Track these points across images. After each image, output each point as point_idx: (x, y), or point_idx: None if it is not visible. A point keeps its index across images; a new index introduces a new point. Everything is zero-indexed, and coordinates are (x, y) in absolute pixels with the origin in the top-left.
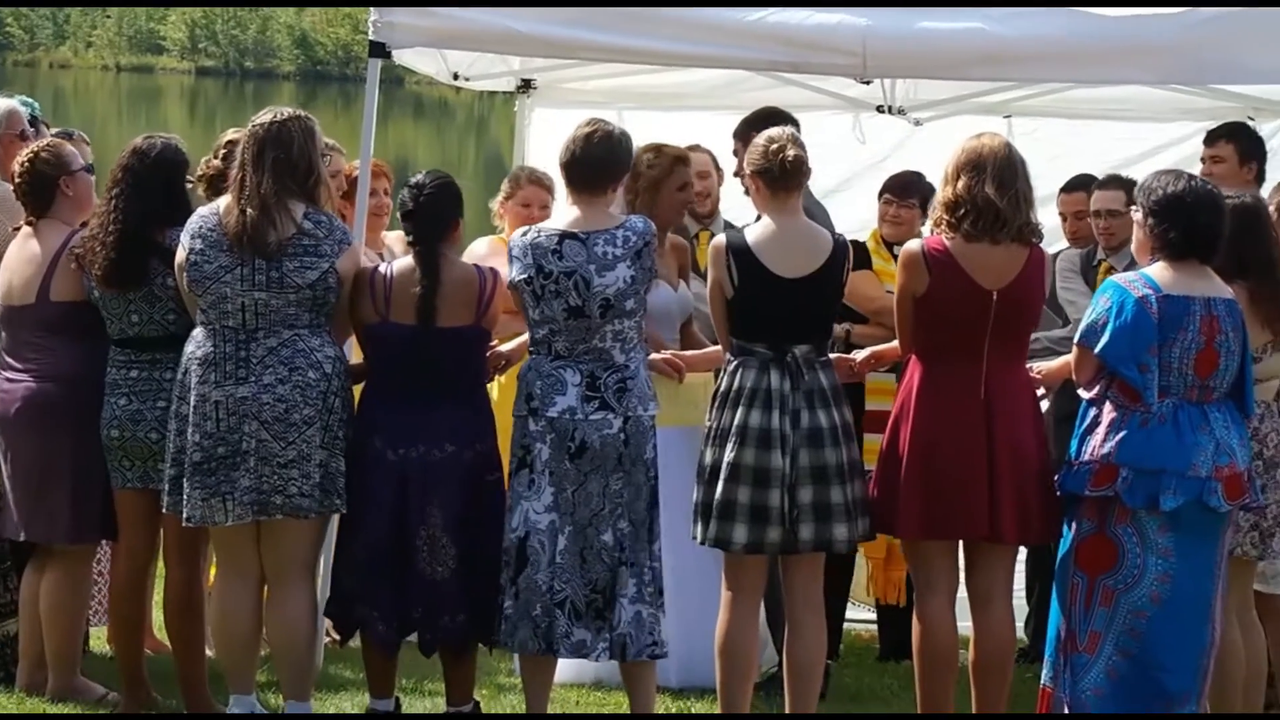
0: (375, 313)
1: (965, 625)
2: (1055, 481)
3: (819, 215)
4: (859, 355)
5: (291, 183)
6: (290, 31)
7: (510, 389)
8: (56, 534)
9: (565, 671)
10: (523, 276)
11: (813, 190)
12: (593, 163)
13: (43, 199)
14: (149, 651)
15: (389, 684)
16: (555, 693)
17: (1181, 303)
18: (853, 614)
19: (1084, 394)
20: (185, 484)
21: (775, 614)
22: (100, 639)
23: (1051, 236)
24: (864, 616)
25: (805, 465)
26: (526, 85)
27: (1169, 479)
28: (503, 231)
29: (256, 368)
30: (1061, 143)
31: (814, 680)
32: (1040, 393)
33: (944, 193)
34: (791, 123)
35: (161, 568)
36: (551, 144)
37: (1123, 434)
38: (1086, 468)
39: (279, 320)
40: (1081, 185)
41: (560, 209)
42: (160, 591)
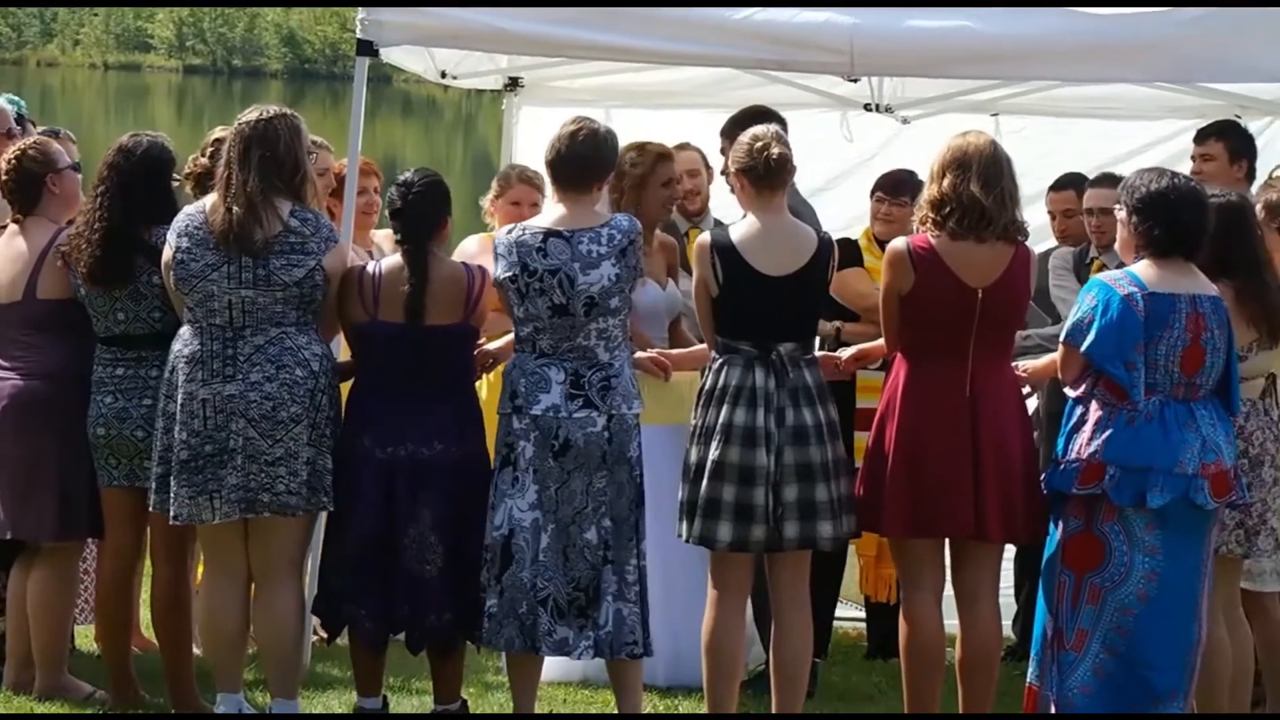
0: (364, 311)
1: (952, 623)
2: (1042, 480)
3: (806, 214)
4: (844, 353)
5: (278, 181)
6: (278, 30)
7: (498, 387)
8: (43, 532)
9: (552, 670)
10: (507, 274)
11: (800, 188)
12: (578, 161)
13: (29, 197)
14: (136, 650)
15: (376, 682)
16: (542, 691)
17: (1167, 300)
18: (842, 612)
19: (1070, 392)
20: (172, 482)
21: (763, 612)
22: (87, 637)
23: (1040, 234)
24: (853, 615)
25: (790, 463)
26: (514, 83)
27: (1156, 476)
28: (493, 230)
29: (244, 366)
30: (1049, 141)
31: (800, 678)
32: (1026, 391)
33: (929, 191)
34: (778, 121)
35: (149, 566)
36: (539, 142)
37: (1109, 432)
38: (1073, 466)
39: (266, 318)
40: (1070, 184)
41: (546, 207)
42: (147, 590)
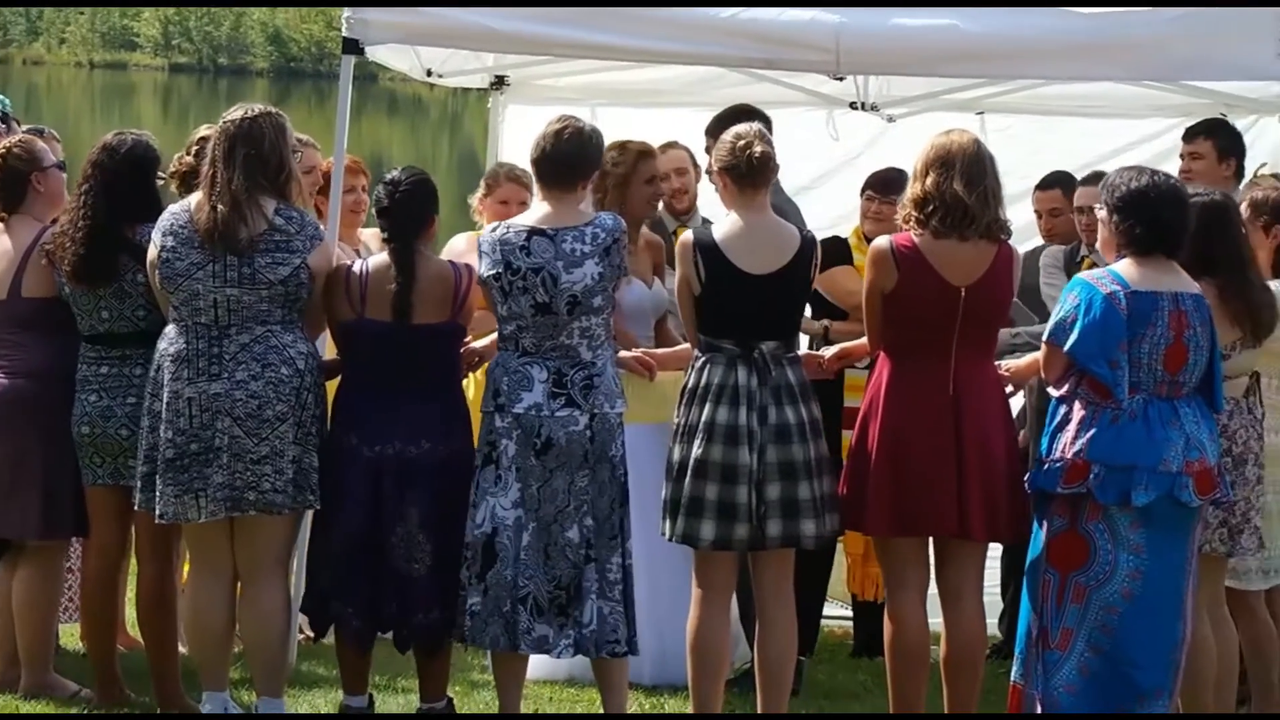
0: (351, 309)
1: (937, 622)
2: (1026, 479)
3: (791, 212)
4: (827, 352)
5: (263, 179)
6: (264, 28)
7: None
8: (28, 530)
9: (538, 668)
10: (491, 272)
11: (786, 187)
12: (563, 159)
13: (14, 195)
14: (121, 648)
15: (363, 681)
16: (528, 689)
17: (1150, 298)
18: (828, 610)
19: (1053, 392)
20: (158, 481)
21: (748, 611)
22: (73, 636)
23: (1026, 233)
24: (840, 613)
25: (773, 461)
26: (500, 82)
27: (1140, 475)
28: (482, 228)
29: (229, 364)
30: (1035, 139)
31: (785, 677)
32: (1009, 390)
33: (912, 189)
34: (762, 120)
35: (134, 564)
36: (525, 140)
37: (1093, 431)
38: (1057, 465)
39: (251, 316)
40: (1056, 182)
41: (532, 205)
42: (132, 588)
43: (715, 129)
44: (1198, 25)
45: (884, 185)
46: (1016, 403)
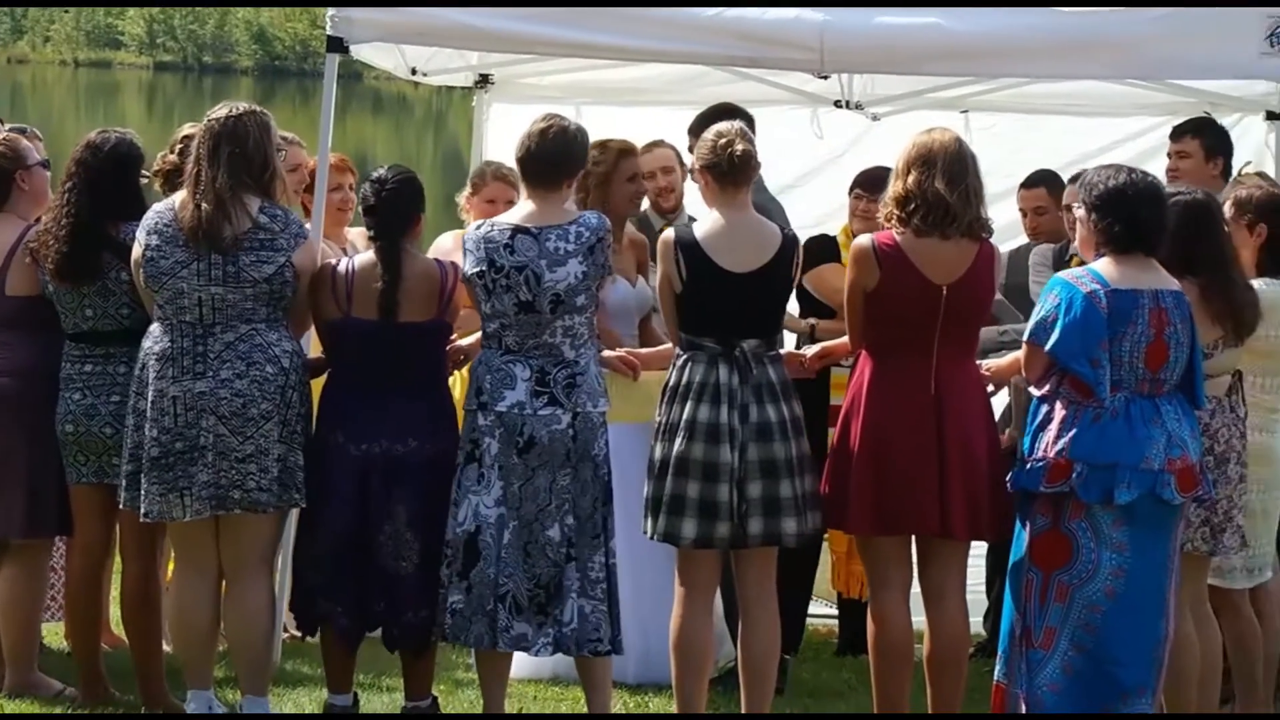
0: (337, 308)
1: (920, 620)
2: (1009, 479)
3: (775, 211)
4: (809, 350)
5: (247, 177)
6: (248, 27)
7: None
8: (12, 529)
9: (523, 667)
10: (475, 270)
11: (770, 185)
12: (548, 158)
13: None
14: (106, 647)
15: (347, 679)
16: (512, 688)
17: (1130, 296)
18: (814, 609)
19: (1035, 391)
20: (143, 479)
21: (733, 609)
22: (57, 635)
23: (1010, 231)
24: (825, 612)
25: (754, 460)
26: (484, 80)
27: (1123, 473)
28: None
29: (214, 363)
30: (1019, 138)
31: (768, 675)
32: (990, 389)
33: (894, 187)
34: (745, 118)
35: (118, 563)
36: (509, 139)
37: (1075, 430)
38: (1040, 464)
39: (236, 315)
40: (1041, 181)
41: (517, 204)
42: (117, 587)
43: (698, 127)
44: (1182, 24)
45: (873, 184)
46: (1002, 402)
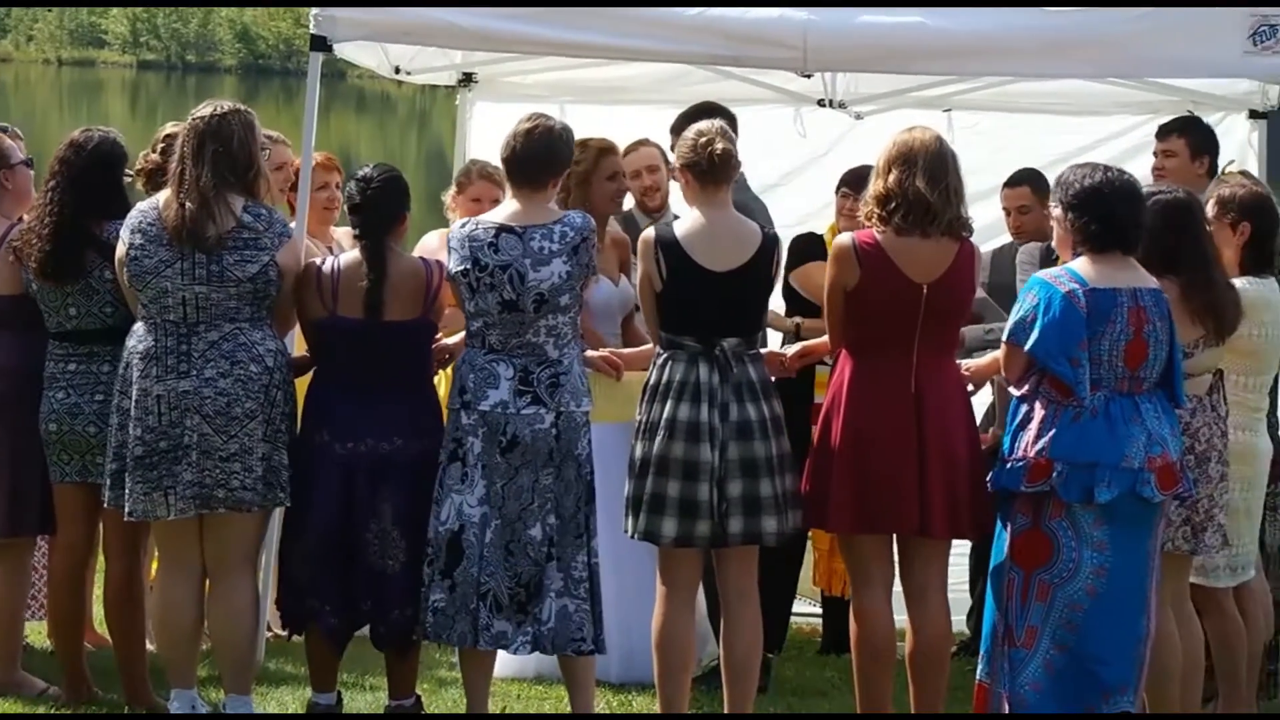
0: (323, 307)
1: (903, 618)
2: (989, 478)
3: (758, 210)
4: (789, 350)
5: (231, 176)
6: (232, 25)
7: None
8: None
9: (506, 666)
10: (459, 268)
11: (753, 184)
12: (533, 158)
13: None
14: (89, 646)
15: (331, 678)
16: (495, 687)
17: (1108, 295)
18: (798, 607)
19: (1014, 391)
20: (127, 478)
21: (716, 607)
22: (40, 634)
23: (994, 230)
24: (809, 610)
25: (734, 458)
26: (468, 79)
27: (1103, 472)
28: None
29: (198, 362)
30: (1002, 136)
31: (751, 673)
32: (970, 389)
33: (875, 186)
34: (727, 117)
35: (101, 561)
36: (493, 138)
37: (1055, 430)
38: (1020, 464)
39: (220, 314)
40: (1024, 179)
41: (502, 202)
42: (100, 586)
43: (680, 126)
44: (1165, 22)
45: (860, 182)
46: (985, 401)
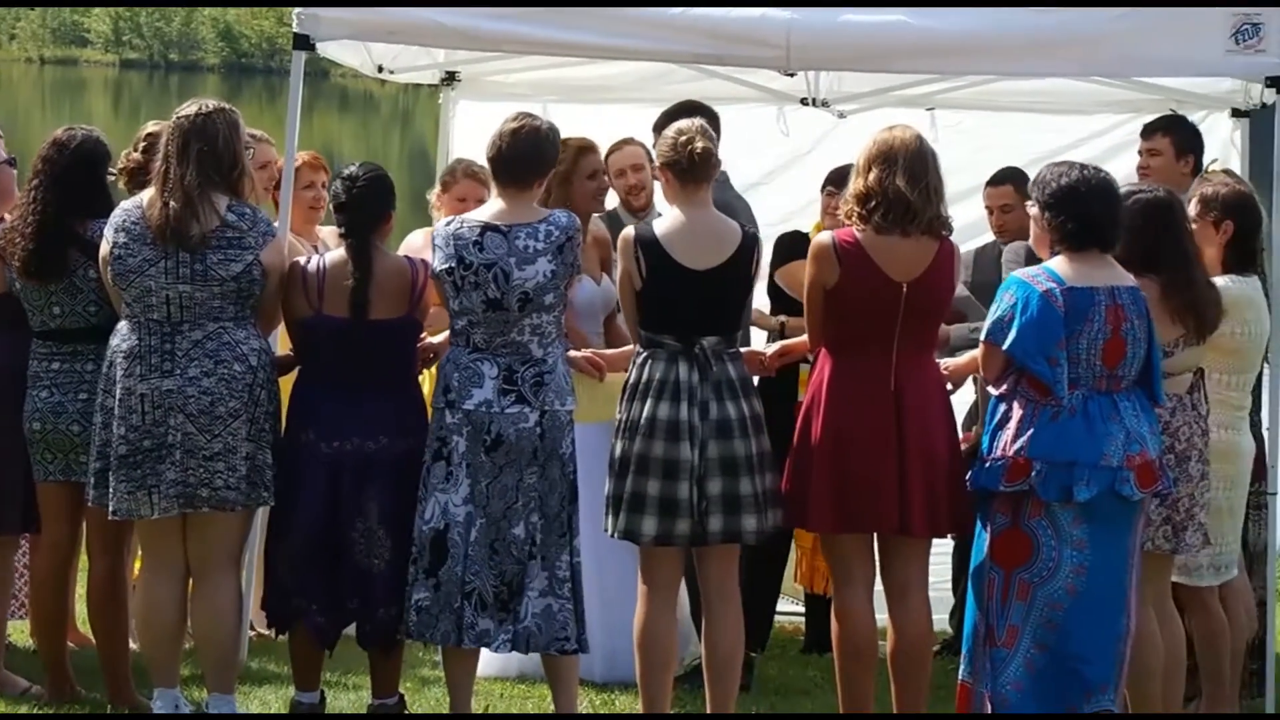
0: (308, 305)
1: (884, 617)
2: (968, 478)
3: (741, 209)
4: (769, 349)
5: (215, 175)
6: (215, 24)
7: None
8: None
9: (489, 666)
10: (444, 266)
11: (736, 183)
12: (519, 158)
13: None
14: (72, 645)
15: (315, 677)
16: (479, 686)
17: (1086, 294)
18: (781, 606)
19: (993, 390)
20: (111, 477)
21: (699, 606)
22: (23, 633)
23: (977, 228)
24: (792, 609)
25: (714, 457)
26: (451, 78)
27: (1082, 470)
28: None
29: (182, 360)
30: (985, 135)
31: (733, 672)
32: (949, 388)
33: (855, 185)
34: (709, 115)
35: (84, 560)
36: (476, 137)
37: (1034, 429)
38: (999, 463)
39: (204, 313)
40: (1007, 178)
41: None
42: (83, 585)
43: (662, 125)
44: (1147, 21)
45: (845, 181)
46: (967, 400)
